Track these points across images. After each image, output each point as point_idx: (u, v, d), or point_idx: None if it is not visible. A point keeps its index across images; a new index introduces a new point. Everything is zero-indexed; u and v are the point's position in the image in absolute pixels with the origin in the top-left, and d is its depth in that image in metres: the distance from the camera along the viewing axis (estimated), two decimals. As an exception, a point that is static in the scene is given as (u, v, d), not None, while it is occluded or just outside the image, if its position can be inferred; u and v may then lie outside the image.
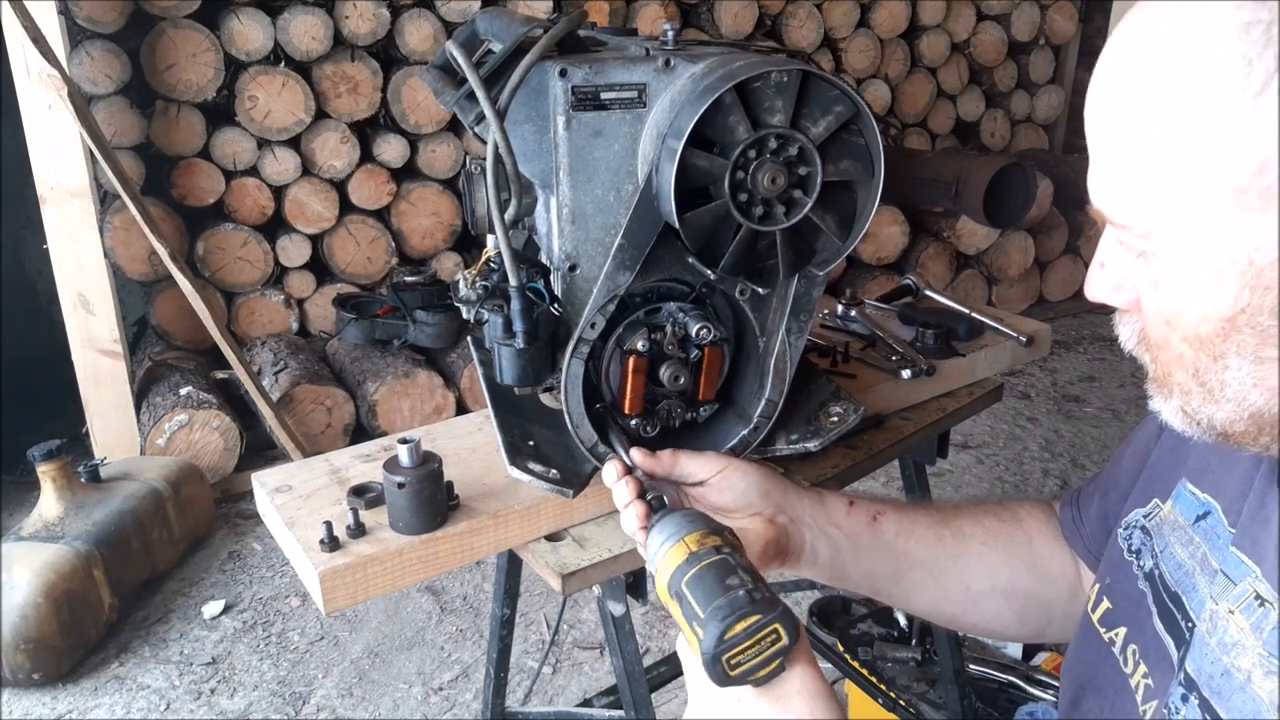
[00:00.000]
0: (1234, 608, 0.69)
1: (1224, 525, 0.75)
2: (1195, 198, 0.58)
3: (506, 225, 0.95)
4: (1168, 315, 0.65)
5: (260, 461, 3.09)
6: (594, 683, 2.35)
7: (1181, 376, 0.65)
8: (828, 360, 1.41)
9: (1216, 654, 0.69)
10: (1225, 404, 0.63)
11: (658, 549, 0.82)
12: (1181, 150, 0.58)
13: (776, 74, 0.90)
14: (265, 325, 3.48)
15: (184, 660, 2.43)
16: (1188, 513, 0.80)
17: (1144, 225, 0.62)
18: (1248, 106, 0.55)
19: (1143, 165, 0.61)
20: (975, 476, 3.31)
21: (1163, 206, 0.60)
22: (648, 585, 1.13)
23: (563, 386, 1.01)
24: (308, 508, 1.06)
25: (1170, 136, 0.58)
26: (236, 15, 3.19)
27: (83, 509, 2.49)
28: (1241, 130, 0.55)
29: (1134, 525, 0.87)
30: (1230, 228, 0.58)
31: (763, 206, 0.94)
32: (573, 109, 0.94)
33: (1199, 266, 0.60)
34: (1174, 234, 0.61)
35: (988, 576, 1.01)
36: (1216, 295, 0.60)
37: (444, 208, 3.60)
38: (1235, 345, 0.61)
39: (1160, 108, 0.59)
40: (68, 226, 2.85)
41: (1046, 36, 4.82)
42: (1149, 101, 0.59)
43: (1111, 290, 0.70)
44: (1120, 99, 0.62)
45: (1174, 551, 0.80)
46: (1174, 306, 0.64)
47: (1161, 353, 0.67)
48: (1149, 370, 0.70)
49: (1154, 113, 0.59)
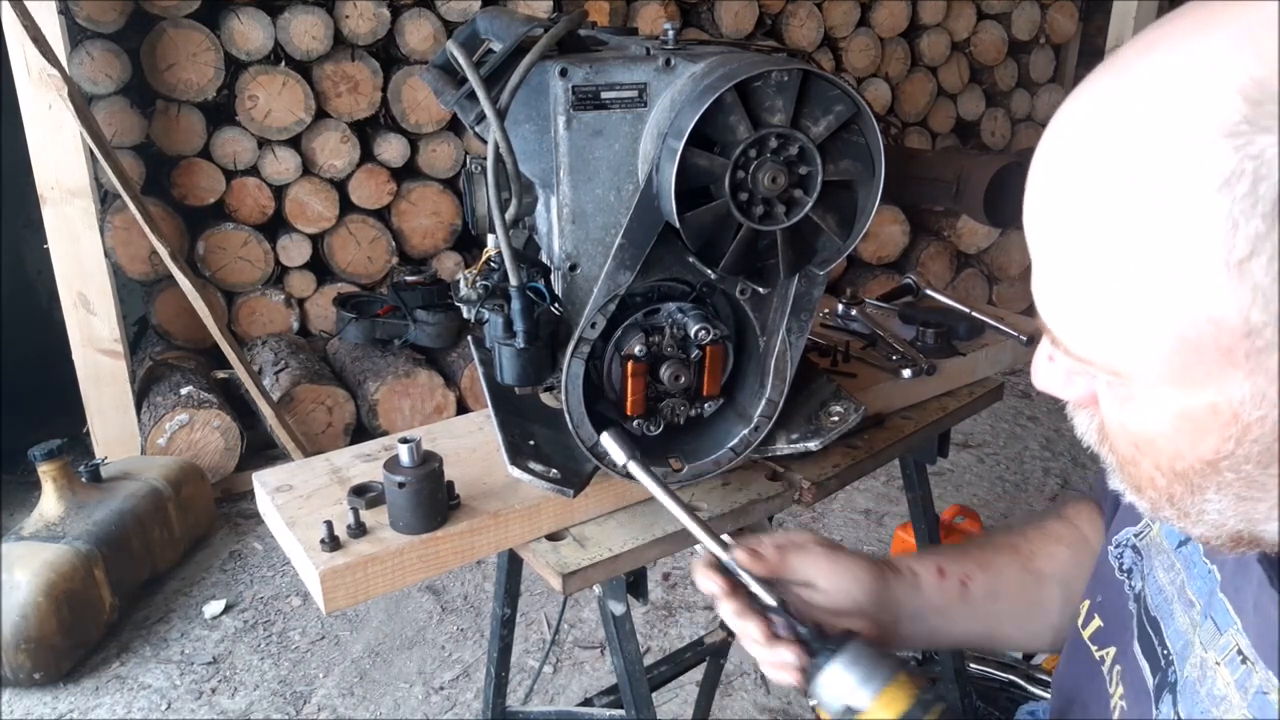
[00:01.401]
0: (1220, 659, 0.66)
1: (1200, 554, 0.73)
2: (1173, 352, 0.52)
3: (507, 225, 0.95)
4: (1137, 440, 0.59)
5: (261, 461, 3.09)
6: (595, 682, 2.35)
7: (1153, 493, 0.61)
8: (828, 360, 1.41)
9: (1206, 705, 0.67)
10: (1201, 525, 0.59)
11: (856, 691, 0.77)
12: (1158, 303, 0.51)
13: (777, 73, 0.90)
14: (266, 325, 3.48)
15: (185, 660, 2.43)
16: (1172, 537, 0.79)
17: (1109, 365, 0.57)
18: (1233, 273, 0.48)
19: (1111, 308, 0.54)
20: (976, 475, 3.31)
21: (1133, 353, 0.54)
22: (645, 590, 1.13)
23: (563, 386, 1.01)
24: (308, 507, 1.06)
25: (1144, 286, 0.51)
26: (237, 15, 3.19)
27: (83, 508, 2.49)
28: (1226, 296, 0.49)
29: (1125, 544, 0.86)
30: (1213, 382, 0.52)
31: (763, 206, 0.94)
32: (573, 108, 0.94)
33: (1175, 413, 0.55)
34: (1146, 379, 0.55)
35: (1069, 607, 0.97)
36: (1195, 440, 0.55)
37: (444, 207, 3.60)
38: (1215, 484, 0.56)
39: (1131, 252, 0.51)
40: (68, 226, 2.85)
41: (1047, 35, 4.82)
42: (1116, 240, 0.52)
43: (1063, 384, 0.64)
44: (1079, 220, 0.54)
45: (1157, 575, 0.78)
46: (1145, 436, 0.59)
47: (1130, 467, 0.62)
48: (1111, 465, 0.64)
49: (1122, 255, 0.52)
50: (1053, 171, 0.56)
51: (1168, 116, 0.49)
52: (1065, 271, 0.56)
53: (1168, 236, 0.49)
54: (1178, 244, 0.49)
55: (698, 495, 1.14)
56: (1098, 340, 0.56)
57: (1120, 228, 0.51)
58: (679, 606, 2.63)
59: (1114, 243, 0.52)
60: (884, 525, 2.99)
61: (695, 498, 1.14)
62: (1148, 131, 0.50)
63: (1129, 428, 0.59)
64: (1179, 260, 0.49)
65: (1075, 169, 0.54)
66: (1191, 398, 0.54)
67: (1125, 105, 0.52)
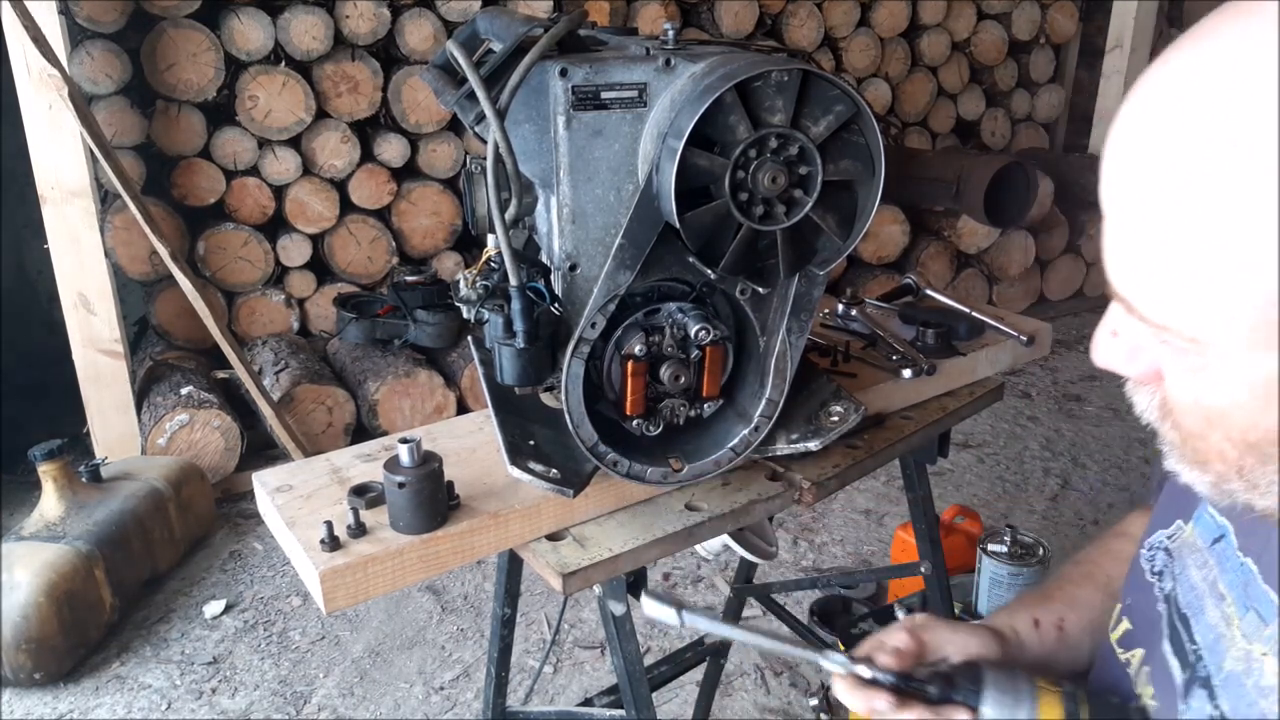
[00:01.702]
0: (1267, 649, 0.66)
1: (1234, 549, 0.73)
2: (1256, 315, 0.53)
3: (507, 225, 0.95)
4: (1208, 413, 0.59)
5: (261, 461, 3.10)
6: (595, 682, 2.35)
7: (1221, 466, 0.61)
8: (828, 360, 1.41)
9: (1253, 697, 0.66)
10: (1269, 496, 0.59)
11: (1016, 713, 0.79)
12: (1242, 266, 0.52)
13: (777, 73, 0.90)
14: (266, 325, 3.49)
15: (185, 660, 2.43)
16: (1205, 535, 0.79)
17: (1189, 331, 0.57)
18: None
19: (1194, 271, 0.54)
20: (976, 476, 3.30)
21: (1215, 317, 0.55)
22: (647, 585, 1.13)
23: (563, 386, 1.01)
24: (308, 507, 1.06)
25: (1229, 249, 0.52)
26: (237, 15, 3.19)
27: (84, 509, 2.49)
28: None
29: (1158, 546, 0.86)
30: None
31: (763, 206, 0.94)
32: (573, 108, 0.94)
33: (1250, 380, 0.56)
34: (1224, 344, 0.56)
35: None
36: (1266, 409, 0.56)
37: (444, 207, 3.60)
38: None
39: (1216, 215, 0.52)
40: (68, 226, 2.85)
41: (1047, 35, 4.82)
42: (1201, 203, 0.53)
43: (1126, 359, 0.63)
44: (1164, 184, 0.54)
45: (1190, 574, 0.79)
46: (1218, 408, 0.59)
47: (1198, 441, 0.62)
48: (1173, 442, 0.64)
49: (1207, 219, 0.52)
50: (1138, 136, 0.56)
51: (1257, 83, 0.50)
52: (1147, 236, 0.56)
53: (1252, 199, 0.50)
54: (1263, 206, 0.50)
55: (698, 495, 1.14)
56: (1178, 305, 0.56)
57: (1206, 191, 0.52)
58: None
59: (1199, 206, 0.52)
60: (884, 525, 2.99)
61: (695, 498, 1.14)
62: (1236, 97, 0.51)
63: (1202, 400, 0.59)
64: (1264, 222, 0.50)
65: (1162, 133, 0.54)
66: (1270, 363, 0.54)
67: (1214, 72, 0.53)
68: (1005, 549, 2.08)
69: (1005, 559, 2.06)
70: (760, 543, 1.56)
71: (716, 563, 2.76)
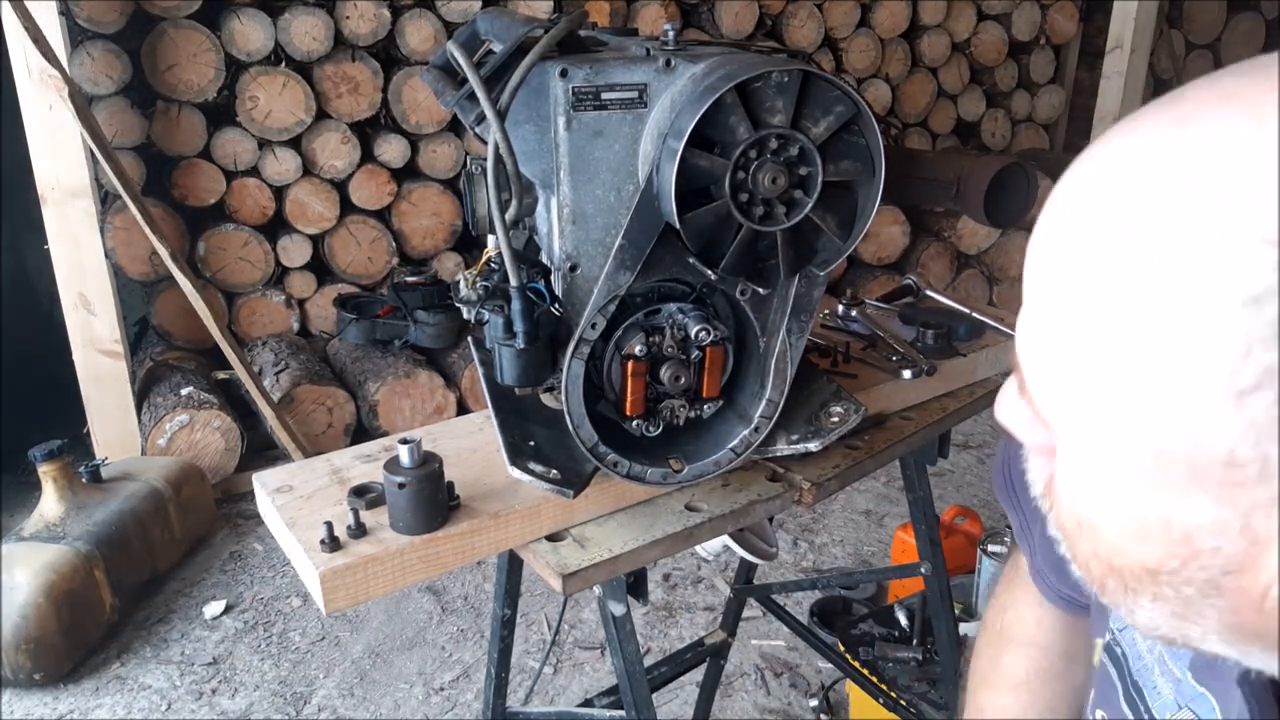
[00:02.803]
0: None
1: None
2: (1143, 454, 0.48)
3: (507, 225, 0.95)
4: (1079, 520, 0.54)
5: (261, 462, 3.10)
6: (595, 683, 2.35)
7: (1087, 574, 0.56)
8: (828, 360, 1.41)
9: None
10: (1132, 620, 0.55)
11: None
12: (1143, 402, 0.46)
13: (777, 74, 0.90)
14: (266, 325, 3.49)
15: (185, 660, 2.43)
16: None
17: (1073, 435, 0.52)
18: (1232, 401, 0.43)
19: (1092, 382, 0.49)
20: (976, 476, 3.30)
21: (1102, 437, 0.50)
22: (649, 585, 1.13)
23: (563, 387, 1.01)
24: (308, 508, 1.06)
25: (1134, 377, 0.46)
26: (237, 15, 3.19)
27: (84, 509, 2.49)
28: (1216, 422, 0.44)
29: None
30: (1175, 496, 0.47)
31: (763, 207, 0.94)
32: (573, 109, 0.94)
33: (1127, 509, 0.50)
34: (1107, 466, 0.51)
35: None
36: (1139, 543, 0.50)
37: (445, 208, 3.60)
38: (1151, 594, 0.51)
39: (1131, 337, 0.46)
40: (69, 227, 2.85)
41: (1047, 36, 4.82)
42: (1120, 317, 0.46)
43: (1026, 426, 0.59)
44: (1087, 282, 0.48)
45: (1135, 639, 0.73)
46: (1090, 521, 0.53)
47: (1070, 539, 0.57)
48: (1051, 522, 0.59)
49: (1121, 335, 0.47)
50: (1075, 221, 0.50)
51: (1210, 204, 0.43)
52: (1056, 325, 0.51)
53: (1175, 339, 0.44)
54: (1183, 351, 0.44)
55: (698, 496, 1.14)
56: (1068, 406, 0.51)
57: (1128, 307, 0.46)
58: (679, 607, 2.63)
59: (1117, 319, 0.47)
60: (884, 526, 2.99)
61: (695, 498, 1.14)
62: (1184, 214, 0.44)
63: (1076, 505, 0.54)
64: (1179, 369, 0.44)
65: (1100, 228, 0.48)
66: (1147, 502, 0.49)
67: (1166, 174, 0.46)
68: (1005, 550, 2.08)
69: (1005, 560, 2.06)
70: (760, 543, 1.56)
71: (716, 563, 2.76)
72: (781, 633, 2.47)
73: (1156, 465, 0.47)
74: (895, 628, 2.06)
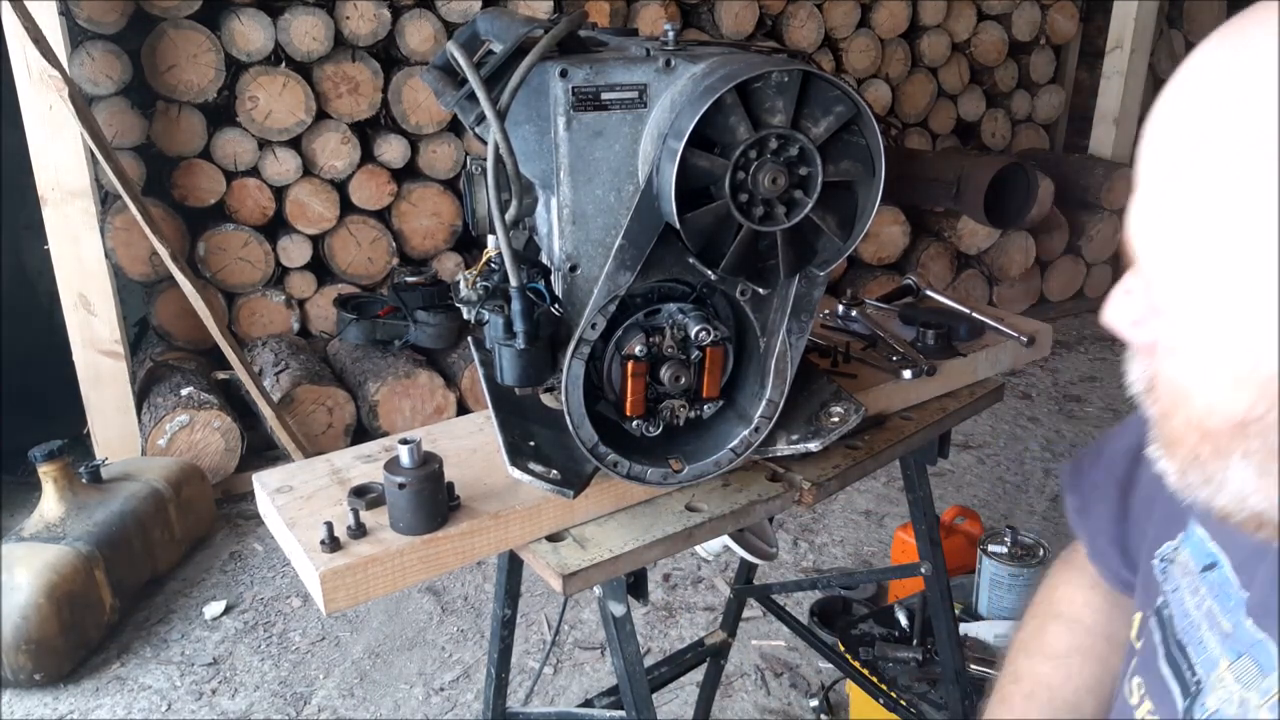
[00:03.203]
0: (1262, 702, 0.64)
1: (1233, 584, 0.71)
2: (1239, 298, 0.53)
3: (507, 226, 0.95)
4: (1176, 391, 0.59)
5: (261, 462, 3.10)
6: (595, 683, 2.35)
7: (1183, 453, 0.60)
8: (828, 360, 1.41)
9: None
10: (1223, 495, 0.59)
11: None
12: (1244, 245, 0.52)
13: (777, 74, 0.90)
14: (266, 325, 3.49)
15: (185, 661, 2.43)
16: (1196, 559, 0.76)
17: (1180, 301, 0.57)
18: None
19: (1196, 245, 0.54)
20: (976, 476, 3.30)
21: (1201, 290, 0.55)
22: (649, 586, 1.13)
23: (563, 387, 1.01)
24: (308, 508, 1.06)
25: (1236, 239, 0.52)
26: (237, 16, 3.19)
27: (84, 509, 2.49)
28: None
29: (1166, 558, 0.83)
30: (1267, 338, 0.52)
31: (763, 207, 0.94)
32: (573, 109, 0.94)
33: (1219, 360, 0.55)
34: (1202, 319, 0.56)
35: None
36: (1229, 396, 0.55)
37: (445, 208, 3.60)
38: (1242, 449, 0.56)
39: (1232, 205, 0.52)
40: (69, 227, 2.85)
41: (1047, 36, 4.82)
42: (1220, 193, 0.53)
43: (1130, 324, 0.63)
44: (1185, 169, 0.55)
45: (1183, 598, 0.76)
46: (1183, 386, 0.58)
47: (1166, 421, 0.62)
48: (1151, 420, 0.64)
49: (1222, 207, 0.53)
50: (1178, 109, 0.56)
51: None
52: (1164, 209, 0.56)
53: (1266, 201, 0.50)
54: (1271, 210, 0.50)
55: (698, 496, 1.14)
56: (1179, 273, 0.56)
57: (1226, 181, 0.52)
58: (679, 607, 2.63)
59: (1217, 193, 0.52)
60: (884, 526, 2.99)
61: (695, 498, 1.14)
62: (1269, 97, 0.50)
63: (1176, 377, 0.59)
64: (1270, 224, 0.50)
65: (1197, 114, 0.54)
66: (1241, 353, 0.54)
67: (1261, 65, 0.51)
68: (1005, 550, 2.08)
69: (1006, 560, 2.06)
70: (760, 543, 1.56)
71: (716, 563, 2.76)
72: (782, 633, 2.47)
73: (1251, 317, 0.52)
74: (895, 628, 2.06)
